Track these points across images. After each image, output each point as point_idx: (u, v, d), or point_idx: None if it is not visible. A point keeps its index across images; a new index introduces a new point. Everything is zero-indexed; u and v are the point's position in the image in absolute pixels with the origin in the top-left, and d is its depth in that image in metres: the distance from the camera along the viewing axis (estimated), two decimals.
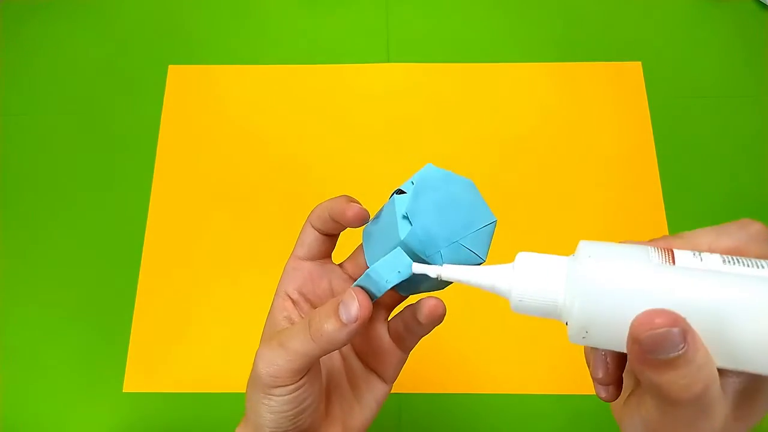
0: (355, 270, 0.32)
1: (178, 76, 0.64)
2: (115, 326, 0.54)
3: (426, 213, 0.27)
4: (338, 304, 0.26)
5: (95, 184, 0.59)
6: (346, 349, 0.32)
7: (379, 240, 0.29)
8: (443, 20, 0.66)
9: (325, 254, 0.32)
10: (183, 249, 0.56)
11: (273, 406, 0.27)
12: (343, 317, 0.26)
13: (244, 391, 0.28)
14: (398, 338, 0.31)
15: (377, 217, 0.30)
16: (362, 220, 0.29)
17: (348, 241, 0.33)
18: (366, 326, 0.31)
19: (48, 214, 0.58)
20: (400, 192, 0.28)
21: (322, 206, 0.30)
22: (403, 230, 0.27)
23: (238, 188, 0.59)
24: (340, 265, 0.32)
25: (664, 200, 0.58)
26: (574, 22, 0.66)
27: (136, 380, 0.52)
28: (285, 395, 0.26)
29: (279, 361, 0.26)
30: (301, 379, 0.26)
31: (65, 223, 0.58)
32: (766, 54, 0.64)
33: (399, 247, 0.27)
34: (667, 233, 0.56)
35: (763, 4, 0.65)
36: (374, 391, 0.31)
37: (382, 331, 0.31)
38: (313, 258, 0.31)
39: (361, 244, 0.31)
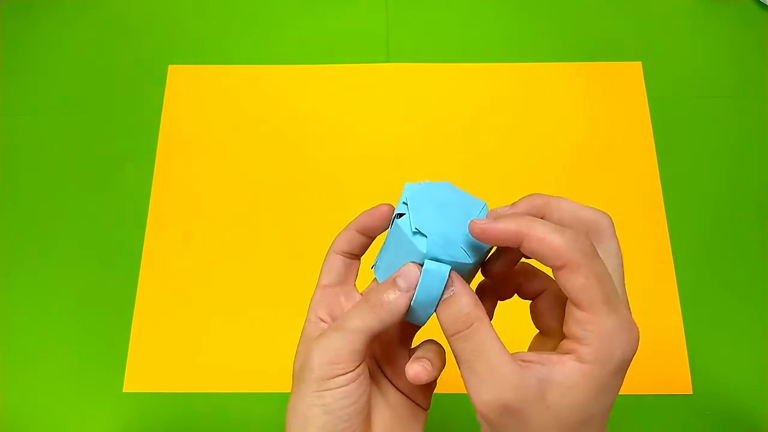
0: None
1: (178, 76, 0.64)
2: (115, 326, 0.54)
3: (432, 220, 0.28)
4: (394, 279, 0.27)
5: (95, 184, 0.59)
6: (383, 381, 0.32)
7: (395, 268, 0.29)
8: (443, 20, 0.66)
9: (350, 280, 0.33)
10: (182, 249, 0.56)
11: (328, 404, 0.26)
12: (403, 285, 0.27)
13: (244, 391, 0.28)
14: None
15: (384, 249, 0.30)
16: (390, 214, 0.30)
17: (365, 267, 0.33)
18: (395, 355, 0.31)
19: (48, 214, 0.58)
20: (399, 216, 0.29)
21: (342, 233, 0.31)
22: (421, 244, 0.27)
23: (238, 188, 0.59)
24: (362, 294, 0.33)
25: (664, 200, 0.58)
26: (573, 22, 0.66)
27: (136, 380, 0.52)
28: (343, 386, 0.26)
29: (337, 343, 0.26)
30: (359, 366, 0.27)
31: (65, 222, 0.58)
32: (767, 54, 0.64)
33: (426, 260, 0.27)
34: (666, 233, 0.57)
35: (763, 4, 0.65)
36: (414, 419, 0.31)
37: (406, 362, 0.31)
38: (339, 284, 0.32)
39: (374, 280, 0.31)
